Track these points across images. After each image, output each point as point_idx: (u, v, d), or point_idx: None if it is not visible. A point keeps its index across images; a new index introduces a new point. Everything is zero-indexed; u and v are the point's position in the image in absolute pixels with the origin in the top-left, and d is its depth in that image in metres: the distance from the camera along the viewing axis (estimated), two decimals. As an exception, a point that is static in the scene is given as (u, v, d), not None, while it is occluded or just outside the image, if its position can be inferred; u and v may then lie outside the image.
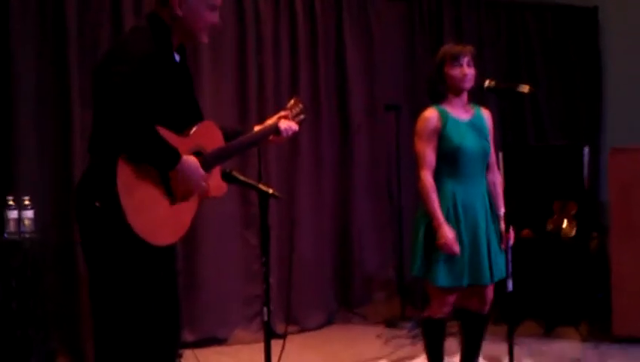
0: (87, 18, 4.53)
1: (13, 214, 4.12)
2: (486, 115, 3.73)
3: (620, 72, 6.12)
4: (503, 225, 3.52)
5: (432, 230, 3.50)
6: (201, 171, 2.71)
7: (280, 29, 5.30)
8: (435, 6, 6.03)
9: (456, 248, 3.46)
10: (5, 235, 4.09)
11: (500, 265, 3.53)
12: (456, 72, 3.57)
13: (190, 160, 2.67)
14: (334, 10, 5.57)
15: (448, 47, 3.67)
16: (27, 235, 4.13)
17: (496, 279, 3.57)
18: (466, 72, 3.57)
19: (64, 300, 4.41)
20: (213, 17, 2.80)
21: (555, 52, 6.30)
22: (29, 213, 4.15)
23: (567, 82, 6.31)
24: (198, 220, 4.72)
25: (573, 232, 5.14)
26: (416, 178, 3.57)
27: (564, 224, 5.16)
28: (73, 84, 4.42)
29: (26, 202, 4.15)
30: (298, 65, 5.37)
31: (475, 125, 3.63)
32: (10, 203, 4.12)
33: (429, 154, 3.54)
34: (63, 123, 4.44)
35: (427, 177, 3.52)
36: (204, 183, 2.73)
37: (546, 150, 5.48)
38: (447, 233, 3.45)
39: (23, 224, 4.14)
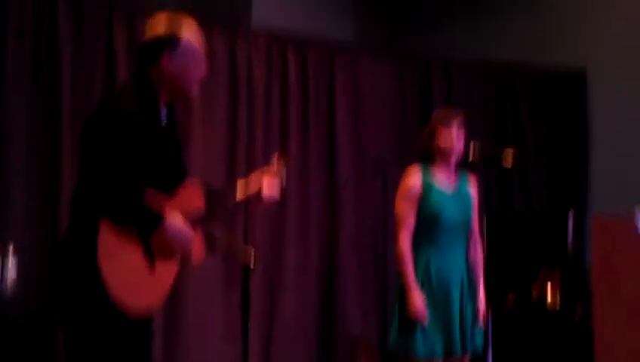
0: (80, 72, 4.57)
1: (-5, 265, 4.12)
2: (472, 182, 3.76)
3: (607, 138, 6.16)
4: (481, 304, 3.54)
5: (405, 301, 3.51)
6: (187, 229, 2.68)
7: (272, 86, 5.36)
8: (425, 66, 6.11)
9: (424, 315, 3.45)
10: (-14, 286, 4.08)
11: (477, 339, 3.54)
12: (445, 137, 3.61)
13: (176, 219, 2.65)
14: (327, 68, 5.64)
15: (439, 113, 3.74)
16: (9, 285, 4.10)
17: (470, 351, 3.57)
18: (454, 137, 3.61)
19: (45, 349, 4.33)
20: (202, 70, 2.82)
21: (543, 116, 6.35)
22: (12, 261, 4.14)
23: (555, 147, 6.34)
24: (180, 278, 4.73)
25: (558, 300, 5.14)
26: (394, 240, 3.60)
27: (549, 292, 5.16)
28: (64, 134, 4.44)
29: (10, 250, 4.13)
30: (288, 121, 5.42)
31: (460, 194, 3.66)
32: (-6, 253, 4.11)
33: (409, 217, 3.57)
34: (51, 171, 4.44)
35: (404, 240, 3.56)
36: (191, 239, 2.69)
37: (531, 215, 5.50)
38: (417, 298, 3.47)
39: (6, 272, 4.12)
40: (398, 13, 7.05)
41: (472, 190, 3.75)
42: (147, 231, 2.59)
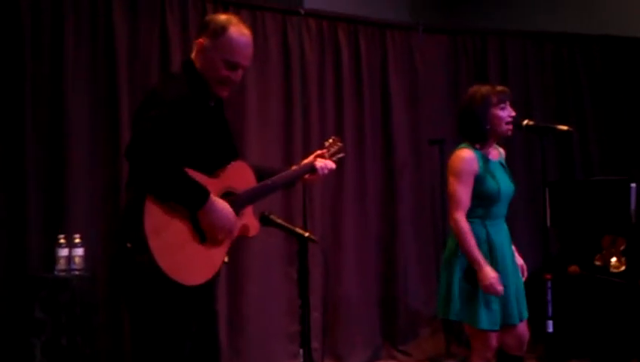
0: (137, 63, 4.67)
1: (63, 252, 4.24)
2: (503, 152, 3.73)
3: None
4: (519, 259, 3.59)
5: (469, 272, 3.48)
6: (231, 211, 2.71)
7: (325, 66, 5.38)
8: (480, 39, 6.04)
9: (501, 288, 3.39)
10: (55, 272, 4.21)
11: (523, 304, 3.53)
12: (504, 113, 3.55)
13: (219, 200, 2.69)
14: (379, 47, 5.63)
15: (491, 88, 3.59)
16: (77, 272, 4.23)
17: (523, 318, 3.55)
18: (514, 114, 3.55)
19: (113, 337, 4.48)
20: (231, 75, 2.76)
21: (603, 85, 6.21)
22: (79, 251, 4.27)
23: (615, 116, 6.19)
24: (242, 256, 4.83)
25: (623, 268, 5.04)
26: (451, 219, 3.51)
27: (613, 260, 5.07)
28: (123, 126, 4.53)
29: (77, 240, 4.26)
30: (343, 101, 5.44)
31: (503, 165, 3.65)
32: (62, 241, 4.24)
33: (464, 196, 3.48)
34: (114, 163, 4.54)
35: (463, 219, 3.46)
36: (234, 223, 2.72)
37: (593, 185, 5.39)
38: (491, 274, 3.38)
39: (73, 261, 4.25)
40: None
41: (504, 157, 3.73)
42: (195, 205, 2.62)
